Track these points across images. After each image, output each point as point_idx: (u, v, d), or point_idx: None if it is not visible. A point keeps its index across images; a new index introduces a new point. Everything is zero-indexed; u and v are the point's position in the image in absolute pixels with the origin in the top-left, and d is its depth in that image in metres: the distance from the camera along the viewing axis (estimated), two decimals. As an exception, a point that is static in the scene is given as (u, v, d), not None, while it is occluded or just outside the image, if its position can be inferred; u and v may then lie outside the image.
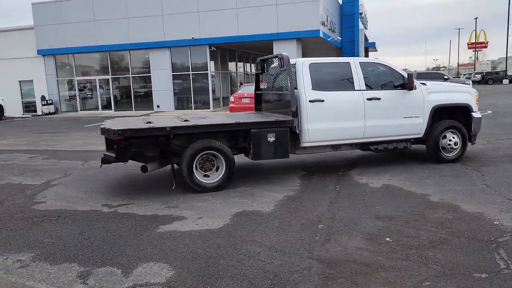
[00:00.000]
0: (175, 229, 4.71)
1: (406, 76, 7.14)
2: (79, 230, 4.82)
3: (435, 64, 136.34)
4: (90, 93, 27.13)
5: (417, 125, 7.21)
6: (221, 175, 6.25)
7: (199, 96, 24.31)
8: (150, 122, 6.41)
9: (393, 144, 7.20)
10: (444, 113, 7.45)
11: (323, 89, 6.72)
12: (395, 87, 7.12)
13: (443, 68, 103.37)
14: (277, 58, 7.03)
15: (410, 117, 7.14)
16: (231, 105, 16.92)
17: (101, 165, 6.66)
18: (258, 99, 8.37)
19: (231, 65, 27.90)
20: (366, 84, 6.93)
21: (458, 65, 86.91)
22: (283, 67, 6.72)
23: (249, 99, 16.57)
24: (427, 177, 6.56)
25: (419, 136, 7.29)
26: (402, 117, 7.11)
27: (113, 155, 5.98)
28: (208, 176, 6.27)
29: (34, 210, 5.68)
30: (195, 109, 24.08)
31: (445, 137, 7.36)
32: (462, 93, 7.58)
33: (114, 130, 5.72)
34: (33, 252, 4.22)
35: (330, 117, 6.72)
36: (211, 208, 5.45)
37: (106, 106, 26.48)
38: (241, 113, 8.97)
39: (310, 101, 6.60)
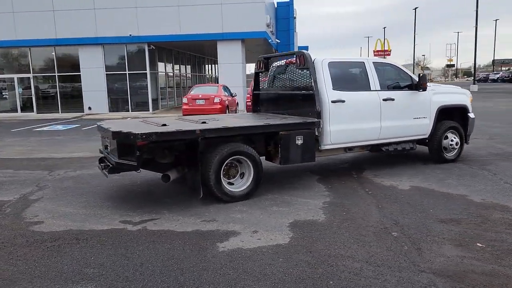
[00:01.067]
0: (239, 247, 4.10)
1: (414, 77, 7.18)
2: (119, 254, 3.99)
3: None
4: (6, 93, 24.22)
5: (424, 126, 7.26)
6: (248, 182, 5.69)
7: (137, 97, 22.88)
8: (165, 125, 5.64)
9: (402, 145, 7.17)
10: (444, 114, 7.61)
11: (343, 89, 6.46)
12: (403, 88, 7.10)
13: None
14: (294, 56, 6.63)
15: (419, 117, 7.17)
16: (185, 107, 16.09)
17: (107, 175, 5.71)
18: (257, 99, 7.88)
19: (170, 66, 26.72)
20: (379, 85, 6.82)
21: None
22: (303, 66, 6.33)
23: (204, 100, 15.92)
24: (445, 177, 6.59)
25: (425, 136, 7.35)
26: (412, 118, 7.11)
27: (134, 163, 5.11)
28: (232, 184, 5.67)
29: (36, 233, 4.65)
30: (132, 111, 22.60)
31: (446, 137, 7.51)
32: (460, 95, 7.81)
33: (138, 133, 4.89)
34: None
35: (351, 118, 6.48)
36: (257, 220, 4.88)
37: (26, 108, 23.81)
38: (243, 114, 8.31)
39: (332, 101, 6.29)
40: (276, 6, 29.61)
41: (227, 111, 16.72)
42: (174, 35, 21.56)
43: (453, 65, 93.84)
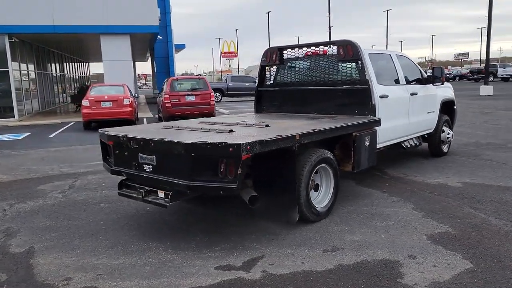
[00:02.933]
0: (434, 280, 3.20)
1: (422, 70, 7.07)
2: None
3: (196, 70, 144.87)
4: None
5: (433, 120, 7.21)
6: (329, 195, 4.71)
7: (-4, 101, 18.57)
8: (232, 131, 4.28)
9: (414, 140, 6.97)
10: (442, 108, 7.65)
11: (384, 83, 5.92)
12: (418, 81, 6.91)
13: (205, 74, 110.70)
14: (335, 47, 5.77)
15: (431, 112, 7.08)
16: (86, 110, 13.48)
17: (166, 204, 4.02)
18: (262, 97, 6.79)
19: (47, 64, 22.45)
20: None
21: (219, 72, 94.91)
22: (351, 57, 5.58)
23: (111, 103, 13.66)
24: (475, 171, 6.51)
25: (431, 130, 7.30)
26: (426, 112, 6.98)
27: (233, 184, 3.65)
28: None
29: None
30: (-9, 118, 18.26)
31: (443, 131, 7.61)
32: (449, 88, 8.00)
33: (243, 144, 3.51)
34: None
35: (392, 114, 5.95)
36: (385, 240, 3.98)
37: None
38: (252, 115, 6.76)
39: (380, 96, 5.69)
40: (150, 0, 27.50)
41: (136, 115, 14.70)
42: (46, 26, 18.09)
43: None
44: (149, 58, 40.66)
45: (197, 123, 5.27)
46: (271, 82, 6.69)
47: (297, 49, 6.29)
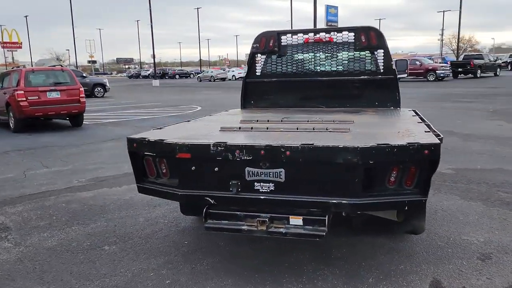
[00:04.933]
0: None
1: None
2: None
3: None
4: None
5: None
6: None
7: None
8: (346, 132, 3.40)
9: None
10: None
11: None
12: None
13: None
14: (353, 34, 5.24)
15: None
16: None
17: (320, 235, 2.88)
18: (251, 90, 5.79)
19: None
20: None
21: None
22: (374, 44, 5.19)
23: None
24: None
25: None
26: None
27: (422, 196, 2.81)
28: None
29: None
30: None
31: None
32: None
33: (440, 144, 2.76)
34: None
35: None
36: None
37: None
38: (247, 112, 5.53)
39: (395, 88, 5.49)
40: None
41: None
42: None
43: (95, 61, 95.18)
44: None
45: (239, 123, 4.10)
46: (265, 71, 5.76)
47: (300, 34, 5.56)
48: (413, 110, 5.01)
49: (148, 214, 4.62)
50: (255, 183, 2.99)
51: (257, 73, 5.73)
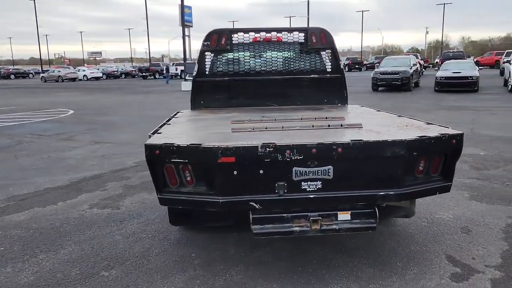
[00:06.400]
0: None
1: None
2: None
3: None
4: None
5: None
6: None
7: None
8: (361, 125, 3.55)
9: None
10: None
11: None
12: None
13: None
14: (303, 34, 5.40)
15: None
16: None
17: None
18: (202, 89, 5.51)
19: None
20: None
21: None
22: (324, 45, 5.46)
23: None
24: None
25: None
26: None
27: (448, 182, 3.09)
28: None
29: None
30: None
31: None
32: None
33: (463, 134, 3.10)
34: None
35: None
36: None
37: None
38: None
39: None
40: None
41: None
42: None
43: None
44: None
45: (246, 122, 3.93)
46: (217, 70, 5.55)
47: (251, 33, 5.51)
48: (362, 106, 5.46)
49: (121, 231, 4.10)
50: (302, 183, 2.94)
51: (207, 72, 5.52)
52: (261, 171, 2.92)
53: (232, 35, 5.46)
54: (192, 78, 6.89)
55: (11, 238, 3.98)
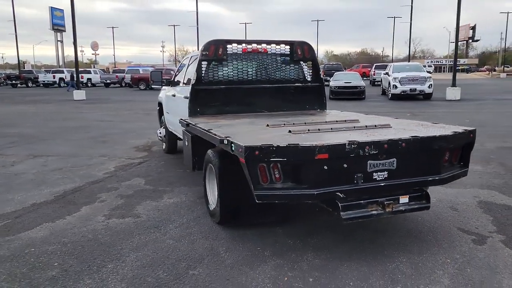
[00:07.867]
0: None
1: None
2: None
3: None
4: None
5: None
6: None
7: None
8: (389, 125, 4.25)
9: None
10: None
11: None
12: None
13: None
14: (289, 46, 5.95)
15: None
16: None
17: None
18: (199, 97, 5.67)
19: None
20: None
21: None
22: (307, 57, 6.10)
23: None
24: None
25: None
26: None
27: (466, 168, 3.96)
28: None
29: None
30: None
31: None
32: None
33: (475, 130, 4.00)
34: None
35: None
36: None
37: None
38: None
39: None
40: None
41: None
42: None
43: None
44: None
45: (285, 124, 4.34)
46: (214, 79, 5.78)
47: (244, 44, 5.89)
48: (340, 111, 6.26)
49: (166, 236, 4.17)
50: (374, 173, 3.53)
51: (204, 81, 5.75)
52: (345, 165, 3.42)
53: (227, 46, 5.80)
54: (159, 86, 7.12)
55: (55, 254, 3.77)
